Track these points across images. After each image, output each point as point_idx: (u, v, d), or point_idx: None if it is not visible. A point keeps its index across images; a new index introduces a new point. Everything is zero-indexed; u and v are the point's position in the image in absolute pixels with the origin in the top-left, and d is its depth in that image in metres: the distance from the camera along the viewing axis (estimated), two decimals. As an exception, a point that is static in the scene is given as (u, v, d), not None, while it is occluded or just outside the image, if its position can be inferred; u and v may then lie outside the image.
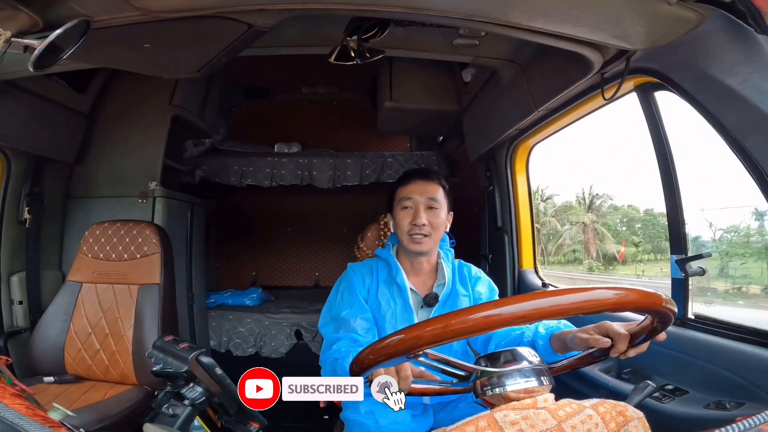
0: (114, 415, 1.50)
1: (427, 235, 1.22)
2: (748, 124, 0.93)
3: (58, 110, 2.03)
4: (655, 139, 1.30)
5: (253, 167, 2.99)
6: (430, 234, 1.22)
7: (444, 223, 1.26)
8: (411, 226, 1.22)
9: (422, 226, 1.22)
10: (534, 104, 1.61)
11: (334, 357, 1.09)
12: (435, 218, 1.23)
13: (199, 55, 1.31)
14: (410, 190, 1.25)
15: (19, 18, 0.85)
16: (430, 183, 1.26)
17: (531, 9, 0.99)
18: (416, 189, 1.25)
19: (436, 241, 1.25)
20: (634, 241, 15.65)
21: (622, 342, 0.80)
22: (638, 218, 16.43)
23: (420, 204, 1.23)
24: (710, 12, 0.95)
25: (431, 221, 1.22)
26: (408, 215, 1.24)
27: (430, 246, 1.24)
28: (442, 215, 1.25)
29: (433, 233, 1.23)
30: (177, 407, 0.85)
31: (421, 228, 1.22)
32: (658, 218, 15.07)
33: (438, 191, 1.25)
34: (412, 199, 1.24)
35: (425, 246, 1.23)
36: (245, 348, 2.77)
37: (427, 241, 1.23)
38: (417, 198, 1.24)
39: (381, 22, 1.33)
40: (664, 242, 14.60)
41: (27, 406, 0.51)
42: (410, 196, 1.24)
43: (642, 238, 15.80)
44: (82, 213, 2.24)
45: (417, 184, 1.26)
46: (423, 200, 1.24)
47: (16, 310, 1.96)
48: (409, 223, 1.23)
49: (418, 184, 1.26)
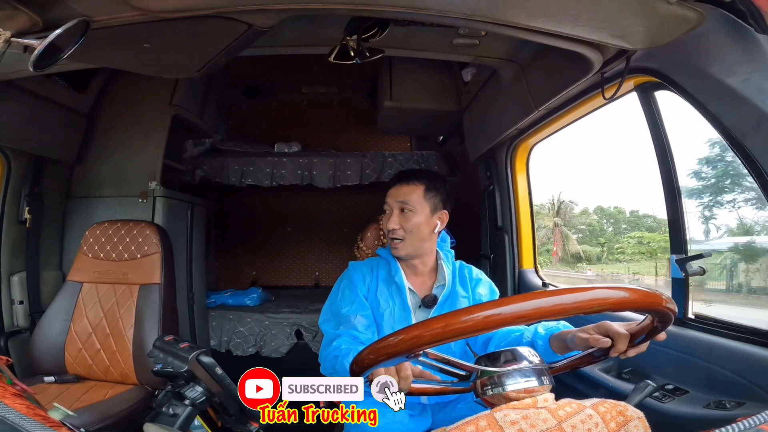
0: (114, 414, 1.49)
1: (401, 239, 1.22)
2: (749, 123, 0.93)
3: (58, 110, 2.03)
4: (655, 139, 1.30)
5: (253, 167, 2.99)
6: (403, 238, 1.22)
7: (423, 225, 1.22)
8: (387, 231, 1.24)
9: (393, 231, 1.22)
10: (534, 104, 1.61)
11: (334, 355, 1.09)
12: (406, 221, 1.22)
13: (199, 55, 1.31)
14: (388, 194, 1.26)
15: (18, 18, 0.85)
16: (405, 185, 1.25)
17: (531, 8, 0.99)
18: (392, 193, 1.26)
19: (413, 243, 1.23)
20: (601, 242, 16.39)
21: (622, 342, 0.80)
22: (624, 219, 16.98)
23: (394, 208, 1.24)
24: (710, 11, 0.95)
25: (403, 225, 1.22)
26: (386, 219, 1.25)
27: (408, 250, 1.23)
28: (417, 218, 1.22)
29: (407, 236, 1.22)
30: (177, 407, 0.85)
31: (393, 233, 1.22)
32: (643, 219, 16.08)
33: (413, 193, 1.23)
34: (387, 203, 1.26)
35: (402, 250, 1.23)
36: (245, 348, 2.77)
37: (402, 245, 1.22)
38: (391, 202, 1.25)
39: (381, 21, 1.33)
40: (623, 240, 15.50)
41: (28, 405, 0.51)
42: (386, 200, 1.26)
43: (607, 239, 16.57)
44: (82, 213, 2.25)
45: (394, 187, 1.26)
46: (396, 204, 1.24)
47: (17, 310, 1.96)
48: (386, 228, 1.24)
49: (395, 187, 1.26)
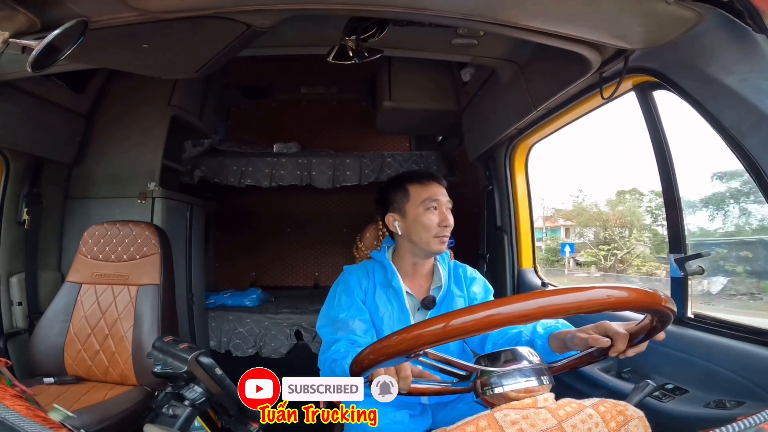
0: (114, 415, 1.49)
1: (447, 235, 1.25)
2: (747, 122, 0.93)
3: (57, 111, 2.02)
4: (654, 138, 1.30)
5: (252, 167, 2.98)
6: (448, 234, 1.25)
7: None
8: (439, 228, 1.21)
9: (447, 228, 1.23)
10: (533, 104, 1.61)
11: (333, 358, 1.09)
12: (452, 220, 1.25)
13: (198, 55, 1.31)
14: (434, 192, 1.24)
15: (17, 18, 0.84)
16: (439, 185, 1.27)
17: (529, 8, 0.99)
18: (438, 191, 1.25)
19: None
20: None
21: (621, 341, 0.80)
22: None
23: (444, 205, 1.24)
24: (708, 11, 0.95)
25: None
26: (435, 216, 1.22)
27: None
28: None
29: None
30: (177, 408, 0.85)
31: (446, 230, 1.23)
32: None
33: (446, 193, 1.28)
34: (438, 200, 1.23)
35: (446, 246, 1.26)
36: (245, 348, 2.77)
37: (446, 241, 1.25)
38: (442, 199, 1.24)
39: (379, 21, 1.33)
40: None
41: (27, 407, 0.51)
42: (437, 198, 1.23)
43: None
44: (81, 214, 2.24)
45: (435, 186, 1.26)
46: (445, 201, 1.25)
47: (16, 311, 1.96)
48: (438, 225, 1.21)
49: (437, 186, 1.26)
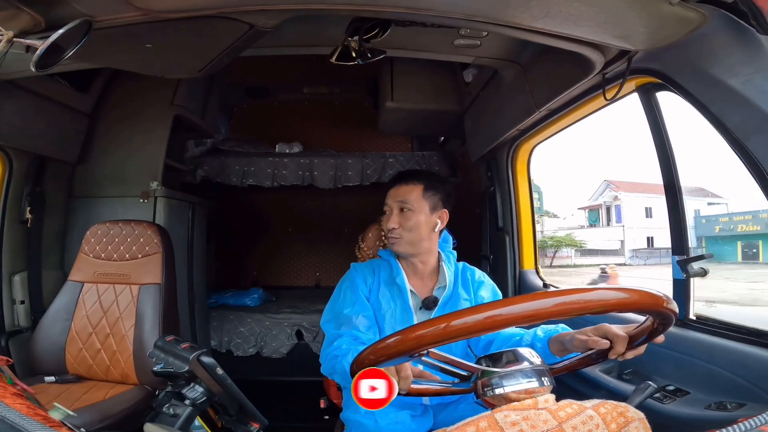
0: (115, 414, 1.49)
1: (399, 237, 1.24)
2: (750, 124, 0.93)
3: (60, 110, 2.03)
4: (657, 140, 1.30)
5: (255, 167, 2.99)
6: (401, 236, 1.24)
7: (422, 223, 1.24)
8: (386, 230, 1.27)
9: (392, 230, 1.24)
10: (535, 104, 1.61)
11: (334, 354, 1.09)
12: (406, 220, 1.24)
13: (201, 55, 1.31)
14: (387, 195, 1.29)
15: (21, 18, 0.85)
16: (404, 185, 1.27)
17: (532, 9, 0.99)
18: (391, 193, 1.28)
19: (411, 242, 1.24)
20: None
21: (621, 344, 0.80)
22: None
23: (393, 207, 1.26)
24: (712, 12, 0.95)
25: (402, 224, 1.24)
26: (386, 220, 1.27)
27: (407, 247, 1.25)
28: (416, 216, 1.24)
29: (405, 235, 1.24)
30: (178, 407, 0.85)
31: (392, 232, 1.24)
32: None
33: (412, 192, 1.25)
34: (387, 204, 1.28)
35: (400, 246, 1.25)
36: (246, 348, 2.77)
37: (400, 241, 1.24)
38: (390, 202, 1.27)
39: (382, 22, 1.33)
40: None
41: (28, 405, 0.51)
42: (386, 201, 1.28)
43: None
44: (83, 213, 2.25)
45: (393, 188, 1.29)
46: (395, 204, 1.26)
47: (18, 309, 1.96)
48: (385, 227, 1.27)
49: (394, 188, 1.28)
